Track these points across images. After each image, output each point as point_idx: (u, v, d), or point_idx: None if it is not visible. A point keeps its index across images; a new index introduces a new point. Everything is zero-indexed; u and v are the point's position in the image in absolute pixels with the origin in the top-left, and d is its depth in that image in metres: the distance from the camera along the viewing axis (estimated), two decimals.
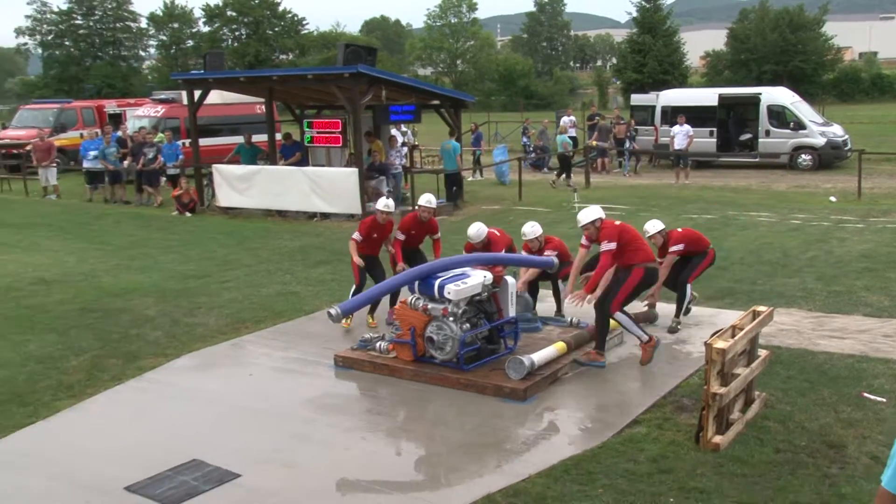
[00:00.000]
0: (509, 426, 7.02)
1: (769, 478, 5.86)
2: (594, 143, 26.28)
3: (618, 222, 8.50)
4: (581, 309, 8.60)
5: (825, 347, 8.58)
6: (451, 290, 7.84)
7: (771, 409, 7.06)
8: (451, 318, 7.95)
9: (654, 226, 9.62)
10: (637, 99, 30.48)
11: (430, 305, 8.07)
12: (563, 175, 23.12)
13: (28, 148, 24.92)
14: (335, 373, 8.46)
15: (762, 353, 7.25)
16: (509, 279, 8.63)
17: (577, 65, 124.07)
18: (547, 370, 7.88)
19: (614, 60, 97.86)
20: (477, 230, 9.29)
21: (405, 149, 21.69)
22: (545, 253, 9.55)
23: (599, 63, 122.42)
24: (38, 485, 6.12)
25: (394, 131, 21.27)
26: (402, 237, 9.84)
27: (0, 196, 23.67)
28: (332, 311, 7.78)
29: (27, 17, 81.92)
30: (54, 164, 23.42)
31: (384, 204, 10.00)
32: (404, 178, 20.18)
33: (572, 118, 28.98)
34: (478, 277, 8.16)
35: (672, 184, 22.55)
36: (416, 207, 10.09)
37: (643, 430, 6.74)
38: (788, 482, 5.79)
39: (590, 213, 8.47)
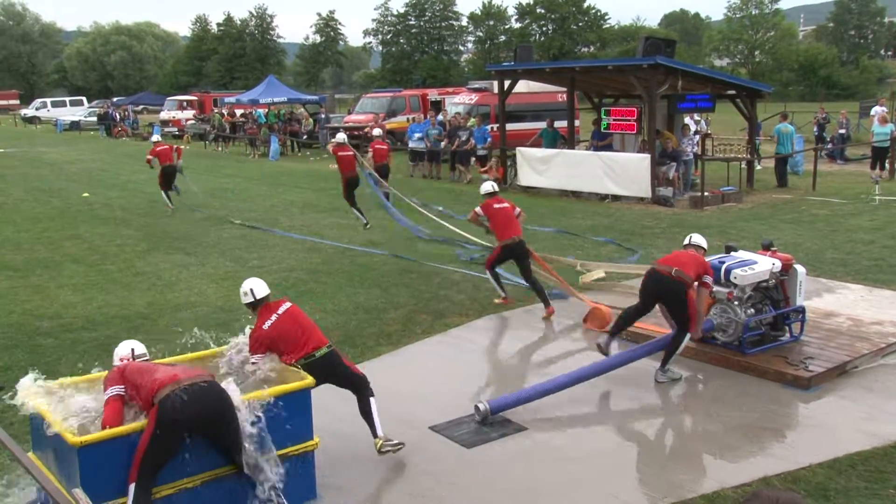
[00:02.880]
0: (790, 413, 6.52)
1: None
2: None
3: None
4: None
5: None
6: (738, 274, 7.38)
7: None
8: (735, 302, 7.50)
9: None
10: None
11: (715, 288, 7.65)
12: (879, 166, 20.68)
13: (366, 130, 27.12)
14: (618, 342, 8.32)
15: None
16: (799, 267, 7.95)
17: (889, 53, 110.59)
18: (836, 361, 7.18)
19: None
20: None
21: (697, 137, 20.73)
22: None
23: None
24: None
25: (687, 119, 20.40)
26: None
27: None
28: (481, 407, 6.44)
29: (373, 20, 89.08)
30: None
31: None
32: (695, 165, 19.31)
33: (884, 108, 25.85)
34: (765, 264, 7.61)
35: None
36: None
37: None
38: None
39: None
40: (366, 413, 5.88)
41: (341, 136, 15.57)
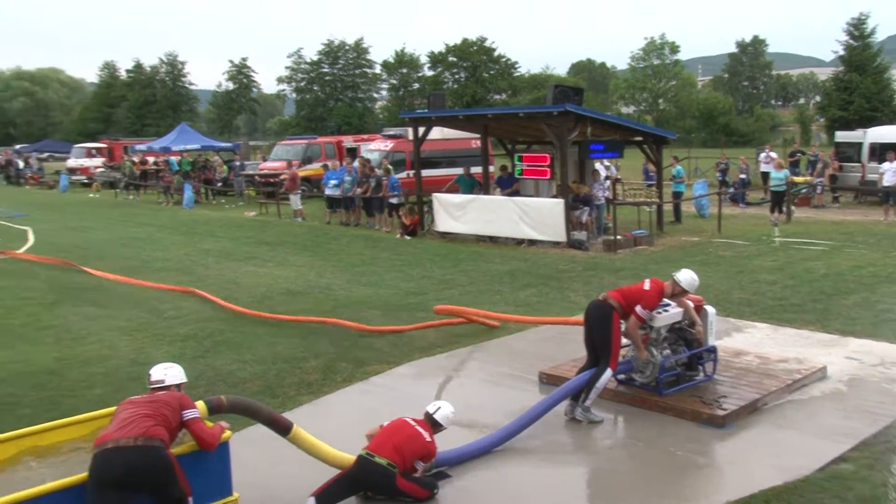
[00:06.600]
0: (707, 452, 6.65)
1: None
2: (808, 178, 24.90)
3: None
4: None
5: None
6: (654, 315, 7.57)
7: None
8: (651, 344, 7.68)
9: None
10: (843, 136, 28.28)
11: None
12: (777, 209, 21.67)
13: (282, 177, 26.92)
14: (539, 388, 8.40)
15: None
16: (709, 308, 8.21)
17: (779, 103, 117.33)
18: (747, 399, 7.41)
19: (818, 98, 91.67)
20: (690, 280, 7.66)
21: (608, 182, 21.37)
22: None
23: (802, 101, 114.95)
24: (284, 468, 6.49)
25: (597, 165, 21.02)
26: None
27: (259, 218, 25.62)
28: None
29: (286, 67, 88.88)
30: (300, 191, 25.11)
31: None
32: (606, 209, 19.87)
33: (771, 154, 27.28)
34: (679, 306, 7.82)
35: (880, 220, 20.65)
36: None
37: (851, 468, 6.14)
38: None
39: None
40: None
41: None
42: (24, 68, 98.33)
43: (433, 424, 6.28)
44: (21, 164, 45.91)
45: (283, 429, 5.89)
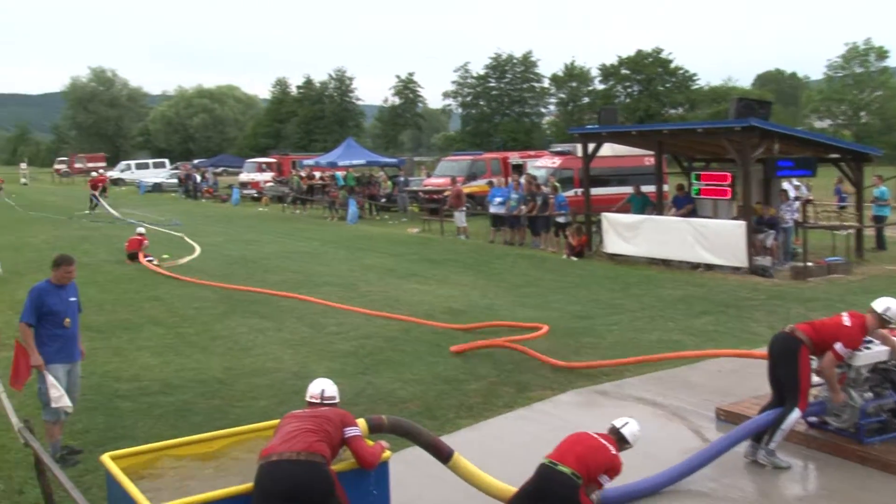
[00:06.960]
0: None
1: None
2: None
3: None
4: None
5: None
6: (854, 354, 7.02)
7: None
8: (849, 385, 7.12)
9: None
10: None
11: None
12: None
13: (445, 194, 27.45)
14: (716, 425, 8.00)
15: None
16: None
17: None
18: None
19: None
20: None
21: (797, 203, 20.21)
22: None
23: None
24: (444, 493, 6.52)
25: (785, 184, 19.93)
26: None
27: (422, 235, 26.22)
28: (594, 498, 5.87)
29: (453, 82, 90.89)
30: (464, 208, 25.48)
31: None
32: (795, 233, 18.78)
33: None
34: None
35: None
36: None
37: None
38: None
39: None
40: None
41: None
42: (205, 86, 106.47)
43: (619, 440, 5.99)
44: (198, 178, 49.50)
45: (444, 456, 5.92)
